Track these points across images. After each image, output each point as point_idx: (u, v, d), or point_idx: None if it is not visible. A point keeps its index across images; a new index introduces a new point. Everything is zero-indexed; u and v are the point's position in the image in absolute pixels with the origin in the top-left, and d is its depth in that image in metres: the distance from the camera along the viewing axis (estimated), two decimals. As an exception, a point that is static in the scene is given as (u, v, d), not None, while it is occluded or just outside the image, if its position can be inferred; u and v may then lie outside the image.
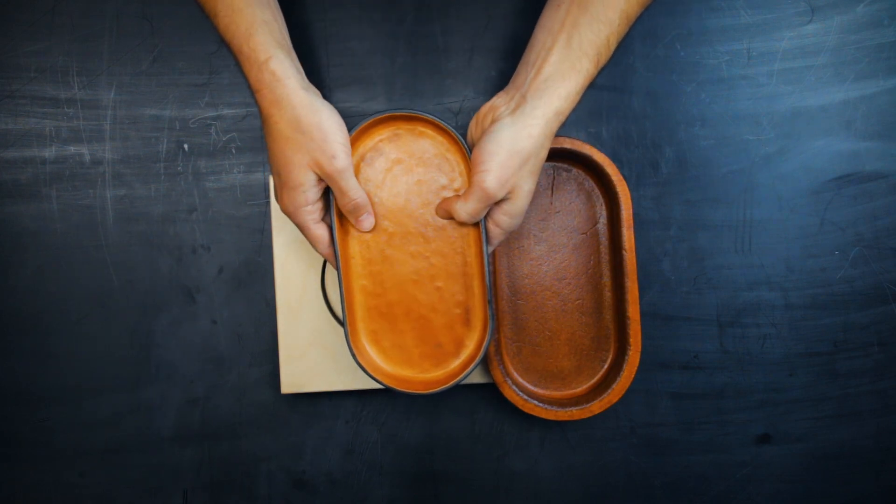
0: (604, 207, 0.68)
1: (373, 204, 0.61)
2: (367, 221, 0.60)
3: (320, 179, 0.57)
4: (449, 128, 0.59)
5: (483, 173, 0.56)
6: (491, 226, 0.59)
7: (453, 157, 0.61)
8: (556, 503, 0.71)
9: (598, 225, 0.68)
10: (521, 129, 0.55)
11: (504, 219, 0.59)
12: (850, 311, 0.71)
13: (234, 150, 0.69)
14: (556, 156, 0.68)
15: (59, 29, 0.69)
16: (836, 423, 0.71)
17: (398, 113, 0.60)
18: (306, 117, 0.55)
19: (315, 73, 0.69)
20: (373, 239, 0.61)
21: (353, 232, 0.61)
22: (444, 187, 0.61)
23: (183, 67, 0.69)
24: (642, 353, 0.70)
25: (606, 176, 0.66)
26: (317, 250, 0.60)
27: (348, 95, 0.70)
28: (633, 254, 0.65)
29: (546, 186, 0.69)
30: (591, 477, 0.71)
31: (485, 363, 0.68)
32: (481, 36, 0.70)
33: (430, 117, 0.59)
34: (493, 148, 0.56)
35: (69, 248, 0.69)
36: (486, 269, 0.60)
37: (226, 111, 0.69)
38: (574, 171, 0.69)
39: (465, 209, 0.58)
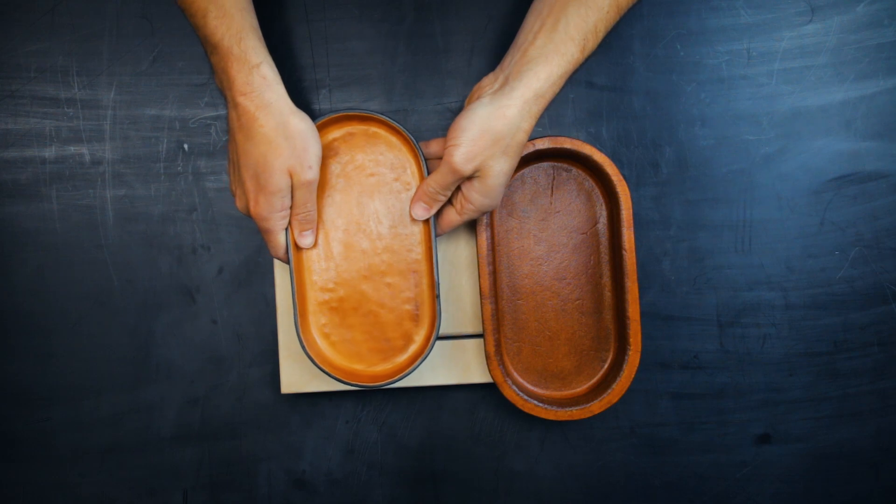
0: (604, 207, 0.68)
1: (324, 206, 0.63)
2: (309, 239, 0.62)
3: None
4: (401, 128, 0.61)
5: (452, 147, 0.57)
6: (463, 202, 0.61)
7: (405, 157, 0.63)
8: (556, 503, 0.71)
9: (598, 225, 0.68)
10: (497, 109, 0.56)
11: (475, 196, 0.60)
12: (850, 311, 0.71)
13: (234, 150, 0.69)
14: (556, 155, 0.68)
15: (59, 29, 0.69)
16: (836, 423, 0.71)
17: (352, 113, 0.62)
18: (294, 124, 0.56)
19: (315, 73, 0.69)
20: (324, 236, 0.63)
21: None
22: (396, 186, 0.63)
23: (183, 67, 0.69)
24: (642, 353, 0.70)
25: (606, 176, 0.66)
26: (274, 253, 0.61)
27: (348, 95, 0.70)
28: (634, 254, 0.65)
29: (546, 186, 0.69)
30: (591, 477, 0.71)
31: (485, 362, 0.68)
32: (481, 36, 0.70)
33: (383, 118, 0.61)
34: (465, 124, 0.57)
35: (69, 248, 0.69)
36: (435, 266, 0.61)
37: (225, 111, 0.69)
38: (574, 171, 0.68)
39: (434, 179, 0.60)
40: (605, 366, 0.68)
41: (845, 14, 0.70)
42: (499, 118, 0.56)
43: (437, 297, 0.61)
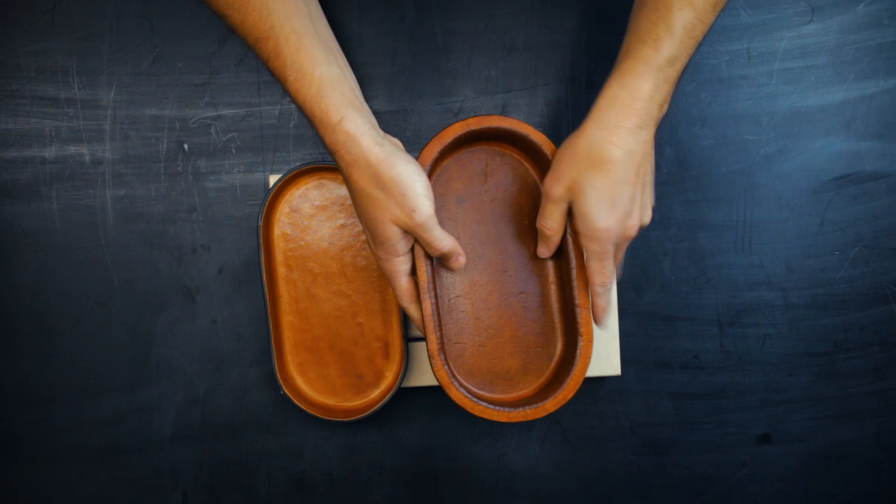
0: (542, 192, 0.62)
1: (300, 247, 0.66)
2: (459, 262, 0.61)
3: (406, 232, 0.56)
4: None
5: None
6: (575, 236, 0.60)
7: None
8: (556, 503, 0.71)
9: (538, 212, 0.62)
10: (576, 131, 0.58)
11: (578, 223, 0.58)
12: (850, 311, 0.71)
13: (234, 150, 0.69)
14: (489, 137, 0.63)
15: (59, 29, 0.69)
16: (836, 423, 0.71)
17: (321, 164, 0.65)
18: (384, 173, 0.54)
19: (315, 73, 0.69)
20: (299, 278, 0.67)
21: (280, 273, 0.67)
22: (363, 232, 0.66)
23: (183, 67, 0.69)
24: (643, 352, 0.70)
25: (545, 157, 0.61)
26: (400, 300, 0.60)
27: (348, 95, 0.69)
28: (577, 237, 0.60)
29: (480, 173, 0.64)
30: (591, 477, 0.71)
31: (429, 365, 0.65)
32: (481, 36, 0.70)
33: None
34: (556, 154, 0.59)
35: (69, 248, 0.69)
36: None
37: (226, 111, 0.69)
38: (507, 155, 0.64)
39: (539, 212, 0.61)
40: (553, 362, 0.64)
41: (845, 14, 0.70)
42: (577, 136, 0.56)
43: (405, 335, 0.65)
